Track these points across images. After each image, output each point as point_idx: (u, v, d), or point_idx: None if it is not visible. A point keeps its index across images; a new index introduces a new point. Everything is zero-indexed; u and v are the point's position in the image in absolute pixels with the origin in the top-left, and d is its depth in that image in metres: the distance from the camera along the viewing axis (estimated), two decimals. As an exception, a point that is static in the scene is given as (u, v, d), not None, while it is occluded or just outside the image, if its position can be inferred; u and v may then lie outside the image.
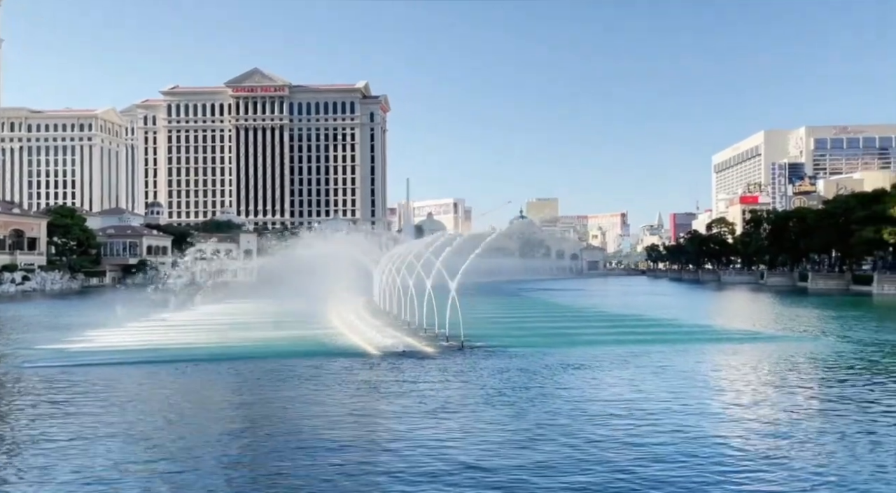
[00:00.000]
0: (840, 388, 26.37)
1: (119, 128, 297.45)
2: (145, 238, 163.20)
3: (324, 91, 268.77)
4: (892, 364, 32.14)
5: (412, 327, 45.65)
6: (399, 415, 21.98)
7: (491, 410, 22.37)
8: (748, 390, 25.96)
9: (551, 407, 22.53)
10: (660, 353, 34.81)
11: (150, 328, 48.14)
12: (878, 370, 30.39)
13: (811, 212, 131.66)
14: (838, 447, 17.94)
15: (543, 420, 20.74)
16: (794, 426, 20.33)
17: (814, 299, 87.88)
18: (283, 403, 23.99)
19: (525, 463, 16.55)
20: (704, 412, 22.07)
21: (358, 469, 16.25)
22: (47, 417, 21.82)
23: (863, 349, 37.28)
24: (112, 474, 15.98)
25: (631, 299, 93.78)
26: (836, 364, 32.18)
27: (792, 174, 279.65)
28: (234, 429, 20.34)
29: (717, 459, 16.83)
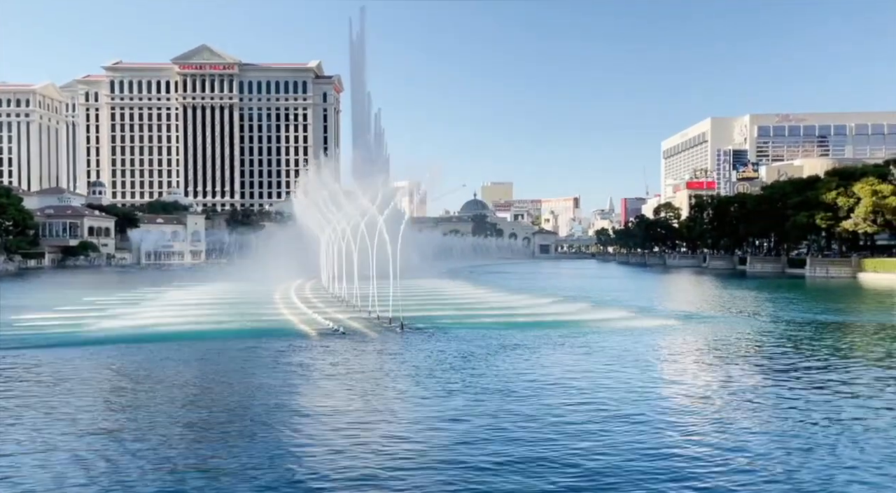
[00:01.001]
0: (764, 363, 27.62)
1: (59, 104, 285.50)
2: (87, 219, 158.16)
3: (275, 70, 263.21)
4: (815, 342, 33.78)
5: (354, 309, 45.74)
6: (326, 394, 22.09)
7: (418, 388, 22.67)
8: (674, 367, 26.95)
9: (479, 386, 22.96)
10: (595, 334, 35.69)
11: (81, 312, 46.80)
12: (802, 348, 31.91)
13: (751, 197, 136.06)
14: (758, 420, 18.85)
15: (469, 399, 21.14)
16: (714, 399, 21.25)
17: (750, 282, 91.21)
18: (209, 383, 23.79)
19: (443, 440, 16.89)
20: (628, 388, 22.82)
21: (271, 450, 16.31)
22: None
23: (788, 328, 39.05)
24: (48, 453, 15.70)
25: (576, 282, 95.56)
26: (762, 343, 33.64)
27: (736, 161, 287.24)
28: (151, 411, 20.11)
29: (633, 434, 17.49)
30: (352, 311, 44.96)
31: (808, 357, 29.36)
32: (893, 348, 31.99)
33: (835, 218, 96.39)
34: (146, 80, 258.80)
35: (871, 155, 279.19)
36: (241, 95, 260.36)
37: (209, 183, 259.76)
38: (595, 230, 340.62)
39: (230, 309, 47.17)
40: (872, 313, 51.18)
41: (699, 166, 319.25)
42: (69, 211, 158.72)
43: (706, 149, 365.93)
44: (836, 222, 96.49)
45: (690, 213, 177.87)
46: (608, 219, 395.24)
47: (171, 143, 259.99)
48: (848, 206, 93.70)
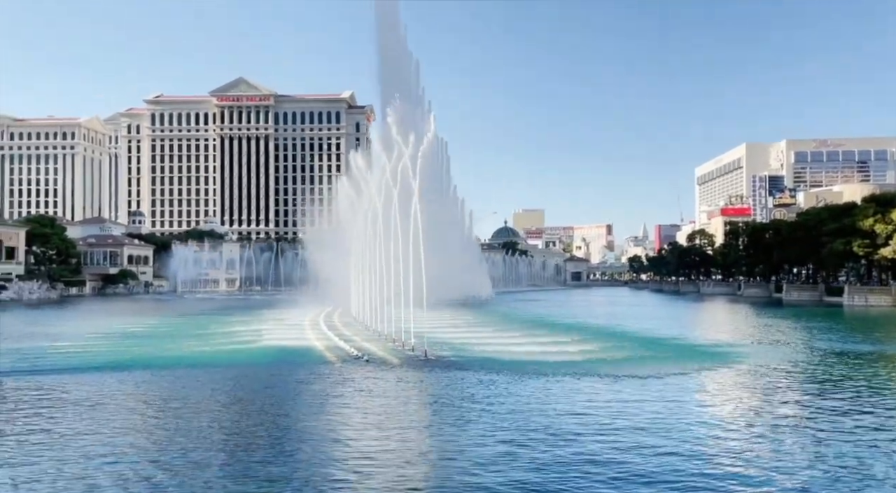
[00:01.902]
0: (803, 396, 27.12)
1: (102, 137, 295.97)
2: (126, 247, 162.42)
3: (309, 101, 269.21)
4: (855, 373, 33.01)
5: (380, 336, 46.15)
6: (342, 422, 22.43)
7: (435, 420, 22.86)
8: (710, 400, 26.62)
9: (495, 420, 22.99)
10: (628, 364, 35.32)
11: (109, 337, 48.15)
12: (842, 380, 31.23)
13: (786, 224, 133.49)
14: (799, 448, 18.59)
15: (485, 432, 21.21)
16: (753, 435, 20.99)
17: (787, 311, 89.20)
18: (228, 411, 24.35)
19: (453, 476, 17.04)
20: (662, 421, 22.63)
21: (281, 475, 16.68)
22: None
23: (827, 359, 38.20)
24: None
25: (608, 310, 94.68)
26: (800, 374, 32.98)
27: (772, 187, 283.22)
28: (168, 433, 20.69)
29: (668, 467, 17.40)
30: (378, 338, 45.35)
31: (847, 389, 28.72)
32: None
33: (873, 245, 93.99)
34: (185, 112, 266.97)
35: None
36: (277, 125, 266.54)
37: (244, 211, 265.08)
38: (628, 257, 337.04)
39: (259, 336, 47.93)
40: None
41: (734, 193, 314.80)
42: (110, 240, 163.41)
43: (741, 175, 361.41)
44: (875, 250, 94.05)
45: (725, 240, 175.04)
46: (641, 246, 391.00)
47: (209, 172, 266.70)
48: (886, 233, 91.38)
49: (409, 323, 40.08)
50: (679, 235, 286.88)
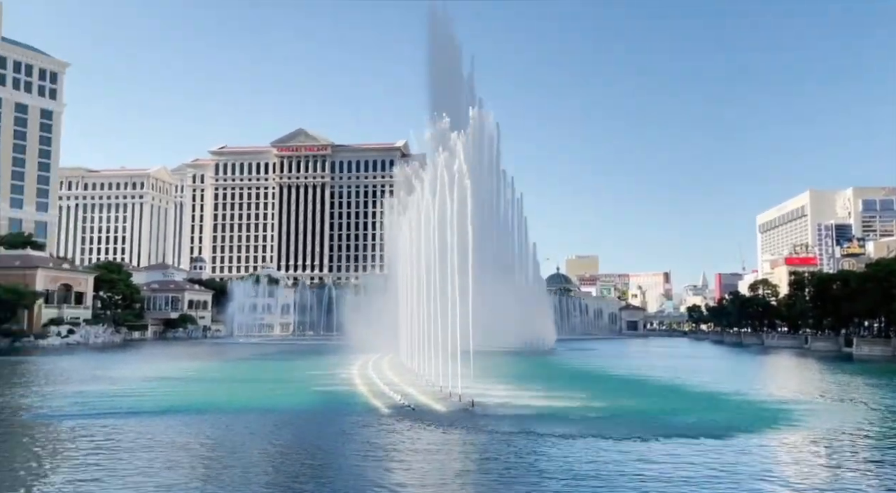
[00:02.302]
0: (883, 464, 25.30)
1: (169, 186, 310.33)
2: (187, 293, 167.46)
3: (364, 150, 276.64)
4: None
5: (429, 384, 45.59)
6: (380, 476, 22.02)
7: (477, 477, 22.19)
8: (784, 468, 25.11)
9: (538, 481, 22.16)
10: (688, 421, 33.76)
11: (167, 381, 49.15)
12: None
13: (855, 274, 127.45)
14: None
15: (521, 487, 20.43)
16: None
17: (858, 366, 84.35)
18: (271, 458, 24.25)
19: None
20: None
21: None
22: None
23: None
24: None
25: (669, 362, 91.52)
26: (876, 439, 30.84)
27: (839, 236, 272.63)
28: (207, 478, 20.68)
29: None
30: (426, 386, 44.78)
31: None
32: None
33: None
34: (247, 162, 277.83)
35: None
36: (333, 174, 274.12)
37: (300, 257, 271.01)
38: (687, 307, 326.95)
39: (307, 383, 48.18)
40: None
41: (798, 241, 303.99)
42: (171, 285, 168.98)
43: (805, 223, 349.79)
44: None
45: (789, 290, 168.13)
46: (701, 295, 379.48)
47: (267, 219, 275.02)
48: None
49: (457, 371, 39.55)
50: (741, 285, 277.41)
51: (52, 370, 64.39)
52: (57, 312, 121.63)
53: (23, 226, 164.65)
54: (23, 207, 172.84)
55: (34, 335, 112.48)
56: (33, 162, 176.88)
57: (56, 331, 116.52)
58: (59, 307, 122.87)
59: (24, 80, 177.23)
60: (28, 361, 76.95)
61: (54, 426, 30.81)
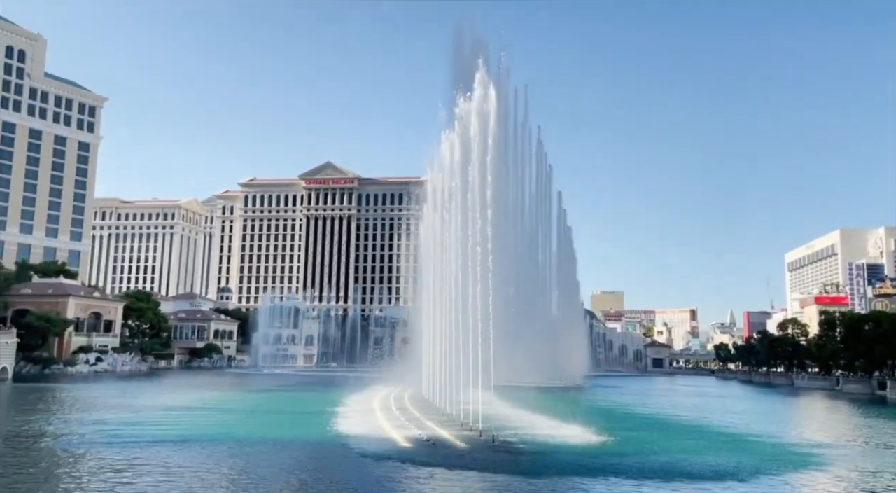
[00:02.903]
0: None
1: (199, 217, 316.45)
2: (213, 322, 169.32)
3: (390, 183, 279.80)
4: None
5: (450, 419, 45.48)
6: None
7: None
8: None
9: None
10: (715, 463, 33.24)
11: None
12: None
13: (888, 315, 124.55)
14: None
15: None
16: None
17: (892, 410, 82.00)
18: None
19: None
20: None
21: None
22: None
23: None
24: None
25: (696, 401, 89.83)
26: (888, 482, 30.12)
27: (871, 275, 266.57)
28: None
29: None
30: (447, 421, 44.72)
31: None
32: None
33: None
34: (276, 194, 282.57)
35: None
36: (360, 206, 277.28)
37: (325, 289, 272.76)
38: (714, 345, 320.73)
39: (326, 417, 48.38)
40: None
41: (828, 280, 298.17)
42: (198, 315, 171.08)
43: (835, 262, 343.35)
44: None
45: (820, 330, 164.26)
46: (728, 333, 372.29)
47: (294, 251, 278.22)
48: None
49: (478, 406, 39.54)
50: (769, 324, 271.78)
51: (77, 398, 65.54)
52: (86, 339, 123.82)
53: (56, 255, 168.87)
54: (57, 236, 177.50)
55: (63, 363, 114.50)
56: (69, 192, 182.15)
57: (84, 358, 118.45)
58: (88, 335, 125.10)
59: (65, 114, 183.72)
60: (55, 388, 78.35)
61: (74, 454, 31.44)
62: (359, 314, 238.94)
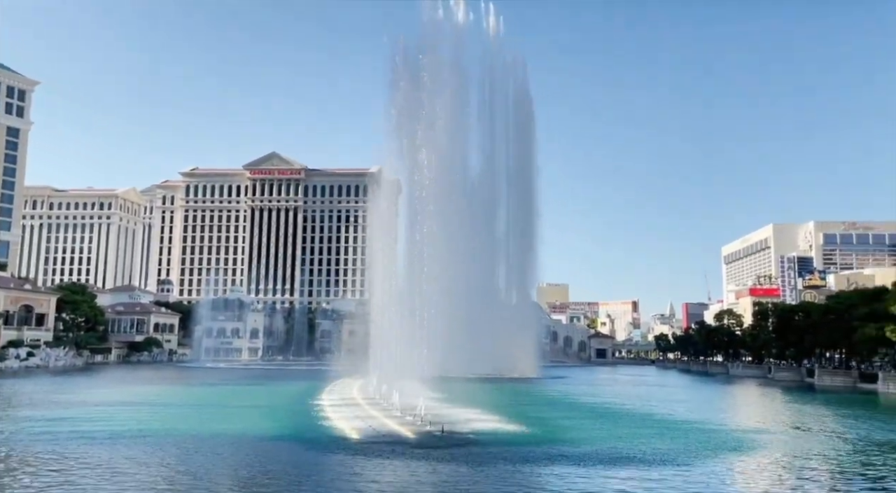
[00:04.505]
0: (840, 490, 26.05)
1: (138, 207, 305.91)
2: (153, 315, 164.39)
3: (338, 174, 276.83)
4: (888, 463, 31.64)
5: (398, 410, 45.48)
6: None
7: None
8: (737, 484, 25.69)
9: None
10: (658, 449, 34.31)
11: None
12: (879, 472, 29.94)
13: (816, 307, 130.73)
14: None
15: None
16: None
17: (820, 397, 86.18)
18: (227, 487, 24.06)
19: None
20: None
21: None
22: None
23: (865, 450, 36.70)
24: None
25: (636, 390, 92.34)
26: (837, 466, 31.68)
27: (801, 268, 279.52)
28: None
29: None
30: (394, 412, 44.70)
31: (878, 483, 27.48)
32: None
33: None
34: (219, 184, 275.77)
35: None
36: (306, 198, 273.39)
37: (271, 281, 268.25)
38: (654, 336, 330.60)
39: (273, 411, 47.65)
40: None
41: (762, 273, 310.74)
42: (137, 308, 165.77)
43: (769, 255, 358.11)
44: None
45: (754, 321, 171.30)
46: (668, 324, 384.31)
47: (238, 243, 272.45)
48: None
49: (428, 397, 39.65)
50: (707, 315, 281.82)
51: (5, 394, 62.66)
52: (17, 334, 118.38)
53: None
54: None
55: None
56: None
57: (15, 353, 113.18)
58: (19, 329, 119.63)
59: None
60: (-16, 384, 74.64)
61: (6, 453, 30.04)
62: (305, 307, 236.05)
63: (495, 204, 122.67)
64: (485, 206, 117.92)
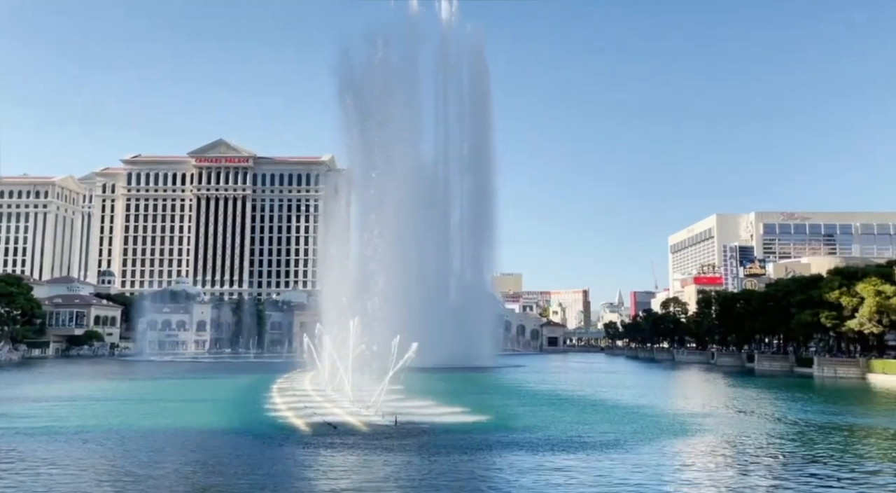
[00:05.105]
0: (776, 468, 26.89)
1: (76, 195, 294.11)
2: (94, 308, 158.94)
3: (289, 163, 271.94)
4: (823, 444, 32.91)
5: (351, 402, 45.07)
6: None
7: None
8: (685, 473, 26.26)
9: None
10: (605, 433, 34.90)
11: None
12: (810, 450, 31.10)
13: (756, 294, 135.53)
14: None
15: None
16: None
17: (759, 381, 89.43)
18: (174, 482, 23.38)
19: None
20: None
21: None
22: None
23: (801, 431, 38.15)
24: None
25: (585, 377, 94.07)
26: (770, 445, 32.77)
27: (743, 257, 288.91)
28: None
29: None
30: (347, 404, 44.29)
31: (821, 461, 28.55)
32: (897, 455, 31.09)
33: (839, 318, 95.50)
34: (163, 172, 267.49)
35: (878, 254, 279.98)
36: (255, 186, 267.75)
37: (218, 272, 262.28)
38: (604, 324, 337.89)
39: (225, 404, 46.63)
40: (881, 416, 49.93)
41: (706, 262, 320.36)
42: (77, 300, 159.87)
43: (713, 245, 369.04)
44: (841, 322, 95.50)
45: (698, 308, 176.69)
46: (617, 312, 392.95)
47: (184, 232, 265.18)
48: (852, 306, 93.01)
49: (382, 388, 39.36)
50: (654, 303, 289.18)
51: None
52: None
53: None
54: None
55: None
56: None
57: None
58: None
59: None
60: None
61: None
62: (255, 298, 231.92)
63: (449, 190, 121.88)
64: (438, 192, 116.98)
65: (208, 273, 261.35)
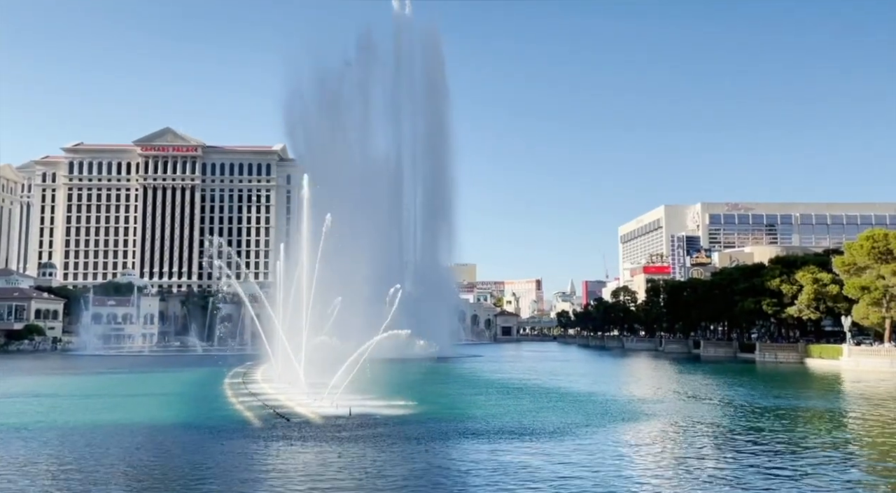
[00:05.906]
0: (720, 451, 27.77)
1: (14, 184, 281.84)
2: (34, 301, 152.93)
3: (239, 152, 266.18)
4: (766, 428, 34.19)
5: (305, 395, 44.61)
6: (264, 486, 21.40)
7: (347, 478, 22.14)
8: (632, 456, 26.88)
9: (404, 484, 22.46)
10: (562, 421, 35.47)
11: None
12: (754, 433, 32.26)
13: (702, 283, 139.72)
14: None
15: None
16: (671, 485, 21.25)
17: (704, 366, 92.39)
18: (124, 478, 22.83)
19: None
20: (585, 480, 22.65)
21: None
22: None
23: (745, 415, 39.52)
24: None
25: (536, 365, 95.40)
26: (713, 430, 33.86)
27: (690, 247, 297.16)
28: None
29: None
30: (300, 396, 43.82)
31: (762, 443, 29.65)
32: (837, 437, 32.57)
33: (780, 304, 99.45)
34: (106, 161, 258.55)
35: (816, 244, 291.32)
36: (204, 176, 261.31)
37: (166, 264, 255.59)
38: (556, 312, 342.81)
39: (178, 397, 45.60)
40: (818, 399, 52.22)
41: (655, 251, 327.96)
42: (16, 293, 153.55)
43: (661, 235, 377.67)
44: (782, 309, 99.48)
45: (646, 297, 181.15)
46: (569, 301, 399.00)
47: (129, 223, 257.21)
48: (791, 293, 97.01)
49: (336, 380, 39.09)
50: (604, 292, 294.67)
51: None
52: None
53: None
54: None
55: None
56: None
57: None
58: None
59: None
60: None
61: None
62: (204, 290, 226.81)
63: (402, 178, 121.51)
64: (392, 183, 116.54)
65: (156, 265, 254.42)
